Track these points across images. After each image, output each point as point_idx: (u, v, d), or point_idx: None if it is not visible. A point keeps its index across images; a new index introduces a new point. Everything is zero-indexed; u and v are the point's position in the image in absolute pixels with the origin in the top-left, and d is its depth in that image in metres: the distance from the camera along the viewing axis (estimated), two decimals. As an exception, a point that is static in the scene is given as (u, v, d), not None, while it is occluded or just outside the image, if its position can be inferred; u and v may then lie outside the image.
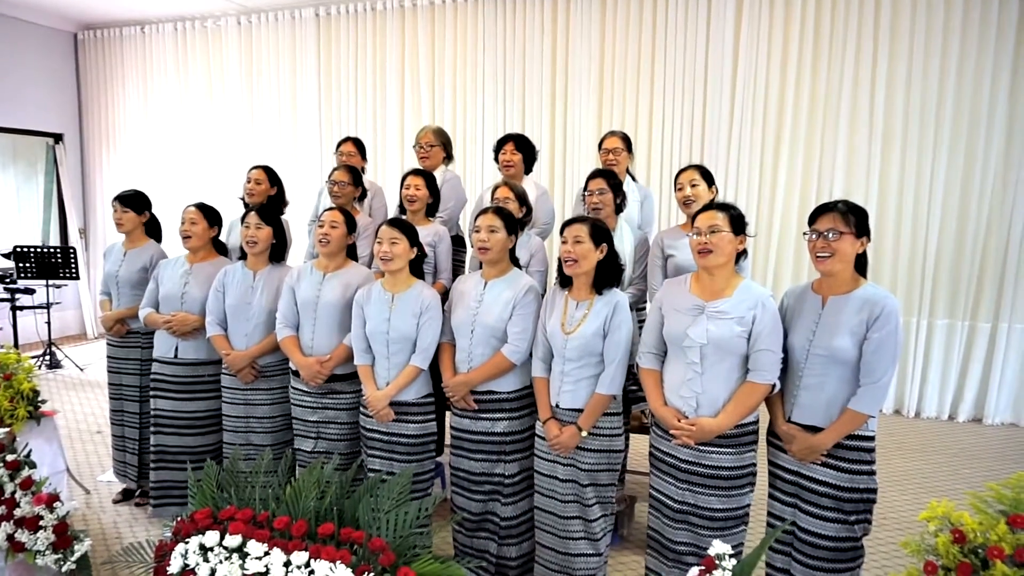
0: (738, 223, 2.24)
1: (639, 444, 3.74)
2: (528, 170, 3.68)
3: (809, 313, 2.22)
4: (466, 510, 2.68)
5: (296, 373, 2.89)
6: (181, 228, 3.23)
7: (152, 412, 3.27)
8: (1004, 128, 4.92)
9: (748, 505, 2.30)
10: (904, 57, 5.07)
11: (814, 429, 2.19)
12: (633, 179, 3.67)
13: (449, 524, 2.78)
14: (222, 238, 3.45)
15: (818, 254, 2.16)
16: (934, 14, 4.97)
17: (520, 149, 3.60)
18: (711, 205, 2.31)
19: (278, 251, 3.10)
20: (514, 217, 2.66)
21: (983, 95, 4.93)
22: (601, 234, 2.42)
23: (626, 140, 3.59)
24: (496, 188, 3.17)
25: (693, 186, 2.99)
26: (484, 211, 2.63)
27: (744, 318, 2.18)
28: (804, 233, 2.23)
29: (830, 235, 2.12)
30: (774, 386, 2.21)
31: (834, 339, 2.13)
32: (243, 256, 3.11)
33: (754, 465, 2.29)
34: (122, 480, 3.67)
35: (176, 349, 3.21)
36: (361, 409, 2.77)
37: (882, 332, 2.08)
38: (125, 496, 3.66)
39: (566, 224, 2.45)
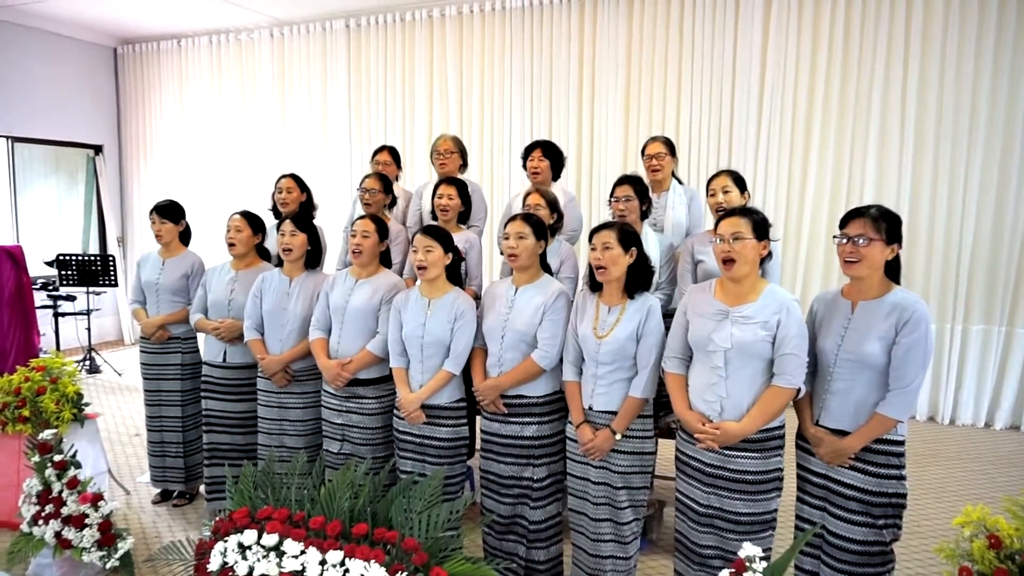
0: (761, 228, 2.24)
1: (667, 449, 3.74)
2: (556, 176, 3.71)
3: (839, 318, 2.22)
4: (495, 513, 2.71)
5: (326, 376, 2.96)
6: (226, 235, 3.34)
7: (204, 412, 3.41)
8: (1041, 130, 4.83)
9: (775, 510, 2.29)
10: (936, 59, 5.00)
11: (842, 433, 2.18)
12: (680, 182, 3.64)
13: (479, 527, 2.81)
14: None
15: (846, 259, 2.15)
16: (967, 15, 4.90)
17: (547, 156, 3.63)
18: (734, 210, 2.31)
19: (313, 257, 3.17)
20: (543, 223, 2.70)
21: (1019, 97, 4.84)
22: (630, 238, 2.44)
23: (669, 144, 3.59)
24: (528, 195, 3.21)
25: (725, 192, 2.99)
26: (513, 218, 2.67)
27: (768, 322, 2.18)
28: (834, 237, 2.23)
29: (859, 240, 2.11)
30: (799, 390, 2.21)
31: (863, 344, 2.13)
32: (280, 263, 3.20)
33: (780, 470, 2.28)
34: (159, 485, 3.74)
35: (224, 354, 3.33)
36: (395, 411, 2.83)
37: (911, 337, 2.07)
38: (164, 497, 3.76)
39: (594, 231, 2.47)
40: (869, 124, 5.21)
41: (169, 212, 3.62)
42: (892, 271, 2.18)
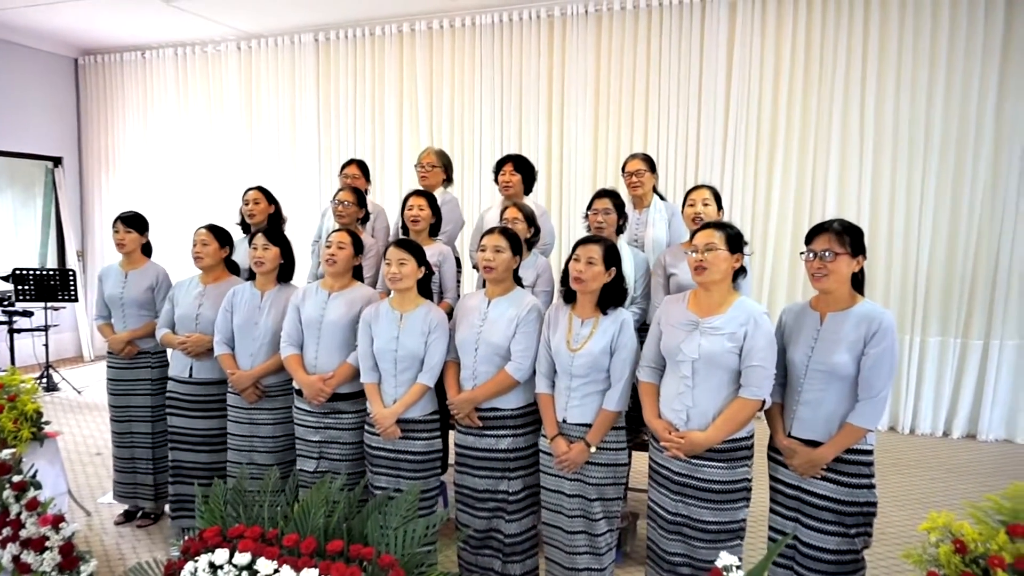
0: (735, 242, 2.30)
1: (641, 462, 3.76)
2: (528, 190, 3.73)
3: (808, 329, 2.27)
4: (470, 527, 2.70)
5: (299, 392, 2.92)
6: (193, 250, 3.28)
7: (168, 429, 3.32)
8: (991, 145, 5.01)
9: (743, 519, 2.32)
10: (892, 76, 5.18)
11: (814, 444, 2.23)
12: (661, 198, 3.68)
13: (454, 543, 2.79)
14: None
15: (814, 274, 2.21)
16: (921, 33, 5.09)
17: (519, 170, 3.66)
18: (708, 224, 2.37)
19: (286, 271, 3.14)
20: (519, 237, 2.71)
21: (970, 113, 5.03)
22: (613, 257, 2.47)
23: (649, 161, 3.62)
24: (505, 209, 3.22)
25: (705, 205, 3.05)
26: (490, 231, 2.68)
27: (736, 334, 2.23)
28: (801, 253, 2.29)
29: (826, 255, 2.18)
30: (764, 402, 2.25)
31: (833, 355, 2.18)
32: (251, 276, 3.15)
33: (748, 480, 2.32)
34: (126, 502, 3.65)
35: (191, 369, 3.26)
36: (366, 427, 2.80)
37: (879, 348, 2.13)
38: (127, 517, 3.65)
39: (580, 243, 2.49)
40: (830, 140, 5.37)
41: (133, 222, 3.55)
42: (857, 282, 2.25)
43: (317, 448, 2.91)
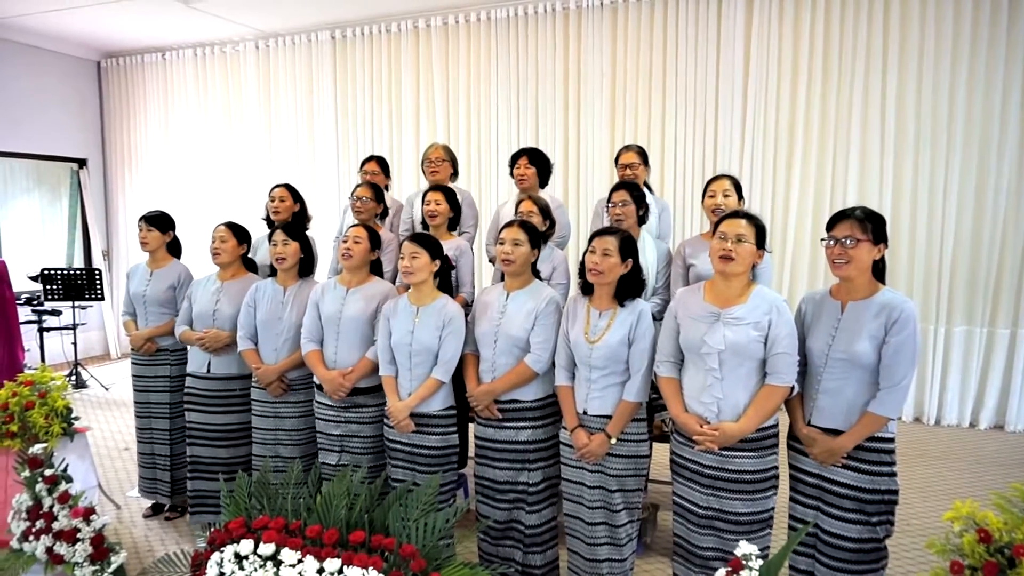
0: (761, 236, 2.28)
1: (661, 453, 3.76)
2: (543, 184, 3.74)
3: (828, 318, 2.25)
4: (491, 518, 2.71)
5: (320, 387, 2.95)
6: (211, 246, 3.33)
7: (187, 425, 3.37)
8: (1018, 134, 4.92)
9: (772, 508, 2.32)
10: (914, 64, 5.10)
11: (834, 432, 2.21)
12: (650, 191, 3.69)
13: (474, 534, 2.82)
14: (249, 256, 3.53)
15: (835, 260, 2.19)
16: (943, 25, 5.00)
17: (534, 163, 3.66)
18: (738, 212, 2.33)
19: (306, 266, 3.18)
20: (537, 231, 2.72)
21: (995, 102, 4.94)
22: (629, 249, 2.46)
23: (642, 154, 3.64)
24: (520, 202, 3.23)
25: (726, 196, 3.03)
26: (509, 224, 2.69)
27: (760, 323, 2.21)
28: (822, 239, 2.27)
29: (847, 242, 2.16)
30: (792, 388, 2.24)
31: (854, 344, 2.16)
32: (273, 273, 3.19)
33: (776, 468, 2.31)
34: (148, 497, 3.74)
35: (209, 364, 3.30)
36: (385, 420, 2.83)
37: (900, 336, 2.11)
38: (155, 511, 3.73)
39: (596, 234, 2.49)
40: (850, 130, 5.30)
41: (156, 221, 3.61)
42: (878, 271, 2.23)
43: (339, 441, 2.95)
